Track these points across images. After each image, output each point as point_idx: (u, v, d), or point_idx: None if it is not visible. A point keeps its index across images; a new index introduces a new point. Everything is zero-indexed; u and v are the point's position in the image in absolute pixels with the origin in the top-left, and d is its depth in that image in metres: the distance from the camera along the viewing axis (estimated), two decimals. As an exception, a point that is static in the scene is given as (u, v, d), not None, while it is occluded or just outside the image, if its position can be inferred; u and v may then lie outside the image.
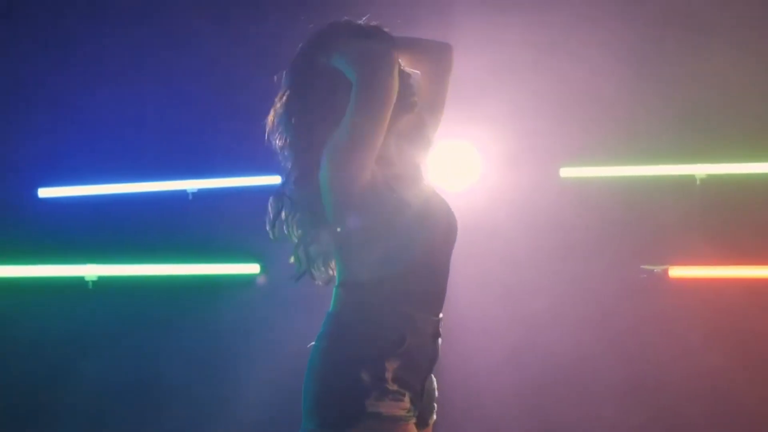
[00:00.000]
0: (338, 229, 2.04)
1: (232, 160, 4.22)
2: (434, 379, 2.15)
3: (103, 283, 4.30)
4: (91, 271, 4.28)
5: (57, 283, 4.30)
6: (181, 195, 4.35)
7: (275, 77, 2.13)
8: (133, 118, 4.32)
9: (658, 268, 3.96)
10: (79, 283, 4.28)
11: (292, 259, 2.14)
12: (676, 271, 3.97)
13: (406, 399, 1.99)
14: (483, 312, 4.08)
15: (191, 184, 4.35)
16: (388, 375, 1.96)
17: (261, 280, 4.26)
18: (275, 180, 2.17)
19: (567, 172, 4.08)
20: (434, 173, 4.06)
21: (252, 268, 4.26)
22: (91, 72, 4.27)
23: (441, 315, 2.13)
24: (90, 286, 4.27)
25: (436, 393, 2.15)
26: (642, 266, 3.98)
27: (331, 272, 2.14)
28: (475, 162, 4.11)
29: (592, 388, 3.97)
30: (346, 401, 1.94)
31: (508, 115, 4.04)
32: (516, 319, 4.07)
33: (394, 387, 1.97)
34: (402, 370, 1.99)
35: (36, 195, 4.39)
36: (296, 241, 2.11)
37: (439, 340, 2.11)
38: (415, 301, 2.04)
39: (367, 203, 2.01)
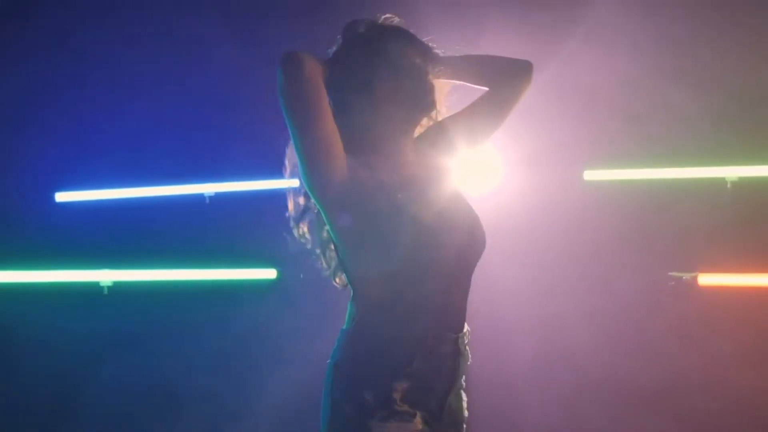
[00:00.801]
0: (332, 234, 2.00)
1: (250, 164, 4.16)
2: (464, 396, 2.08)
3: (118, 288, 4.24)
4: (106, 276, 4.23)
5: (72, 287, 4.26)
6: (199, 199, 4.31)
7: None
8: (151, 123, 4.28)
9: (687, 276, 3.82)
10: (94, 288, 4.24)
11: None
12: (706, 279, 3.83)
13: (417, 419, 1.94)
14: (504, 316, 3.97)
15: (208, 188, 4.30)
16: (396, 396, 1.92)
17: (277, 285, 4.19)
18: (293, 184, 2.09)
19: (591, 175, 3.97)
20: (456, 175, 4.02)
21: (269, 273, 4.19)
22: (109, 77, 4.24)
23: (464, 330, 2.04)
24: (105, 291, 4.22)
25: (465, 412, 2.08)
26: (670, 273, 3.85)
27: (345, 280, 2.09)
28: (496, 164, 4.00)
29: (617, 396, 3.86)
30: (351, 421, 1.92)
31: (530, 116, 3.90)
32: (538, 325, 3.96)
33: (403, 407, 1.92)
34: (413, 391, 1.94)
35: (53, 199, 4.36)
36: (310, 245, 2.10)
37: (464, 356, 2.03)
38: (425, 320, 1.97)
39: (359, 210, 1.94)
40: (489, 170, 4.00)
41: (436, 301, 1.98)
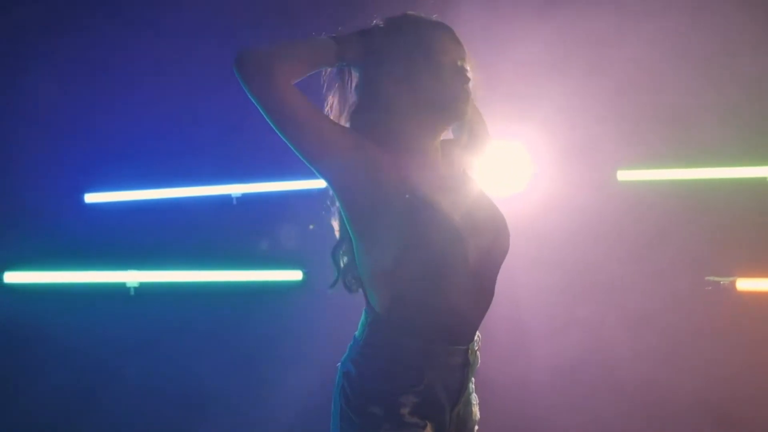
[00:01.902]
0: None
1: (277, 165, 4.10)
2: (474, 400, 2.04)
3: (145, 288, 4.22)
4: (133, 277, 4.21)
5: (99, 288, 4.24)
6: (226, 200, 4.27)
7: (322, 80, 2.02)
8: (179, 124, 4.25)
9: (724, 280, 3.67)
10: (121, 288, 4.22)
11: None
12: (745, 284, 3.69)
13: (428, 430, 1.91)
14: (535, 320, 3.87)
15: (236, 189, 4.25)
16: (405, 410, 1.88)
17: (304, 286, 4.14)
18: (321, 184, 2.04)
19: (625, 175, 3.85)
20: (482, 176, 3.92)
21: (295, 275, 4.13)
22: (138, 78, 4.22)
23: (476, 337, 1.99)
24: (132, 292, 4.20)
25: (477, 414, 2.05)
26: (707, 277, 3.71)
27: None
28: (527, 164, 3.89)
29: (652, 404, 3.74)
30: (360, 430, 1.89)
31: (562, 114, 3.82)
32: (570, 330, 3.83)
33: (412, 419, 1.89)
34: (421, 405, 1.90)
35: (83, 200, 4.36)
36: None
37: (474, 363, 1.98)
38: (438, 335, 1.91)
39: (376, 203, 1.86)
40: (519, 170, 3.90)
41: (450, 314, 1.91)
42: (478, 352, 2.00)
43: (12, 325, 4.23)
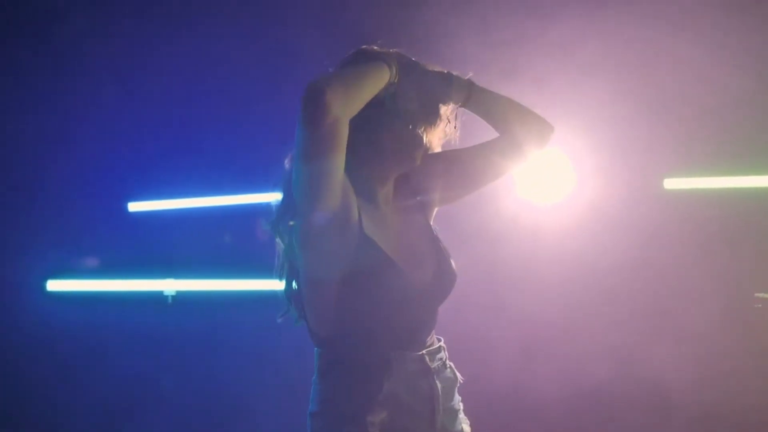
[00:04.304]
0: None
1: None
2: (460, 417, 2.00)
3: (182, 297, 4.21)
4: (170, 285, 4.20)
5: (138, 296, 4.26)
6: (267, 209, 4.21)
7: None
8: (222, 133, 4.23)
9: (776, 297, 3.43)
10: (159, 296, 4.24)
11: None
12: (799, 301, 3.43)
13: None
14: (579, 332, 3.70)
15: (278, 197, 4.19)
16: (373, 429, 1.86)
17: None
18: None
19: (672, 183, 3.65)
20: (523, 185, 3.78)
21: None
22: (182, 88, 4.22)
23: (432, 345, 1.96)
24: (169, 300, 4.19)
25: (461, 422, 2.01)
26: (757, 294, 3.48)
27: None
28: (569, 172, 3.72)
29: (698, 422, 3.52)
30: None
31: (605, 120, 3.63)
32: (614, 344, 3.64)
33: None
34: (394, 419, 1.88)
35: (126, 209, 4.37)
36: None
37: (439, 370, 1.96)
38: (381, 342, 1.88)
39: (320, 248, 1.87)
40: (561, 178, 3.73)
41: (390, 324, 1.88)
42: (445, 360, 1.98)
43: (54, 331, 4.28)
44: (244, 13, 4.13)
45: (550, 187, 3.74)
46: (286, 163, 2.03)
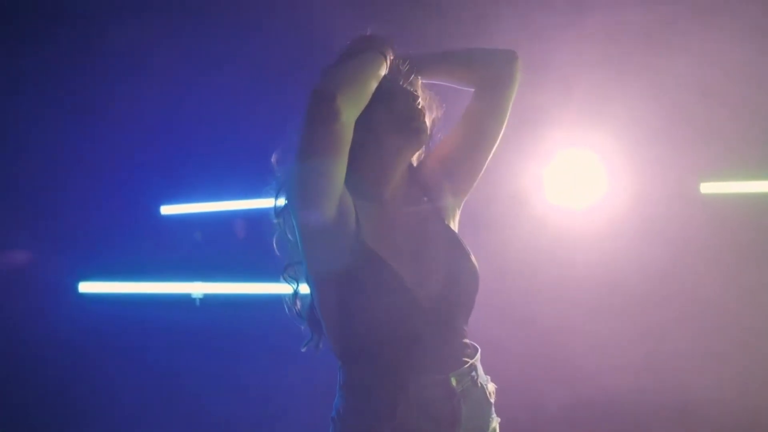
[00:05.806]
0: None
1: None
2: (486, 427, 1.90)
3: (209, 299, 4.20)
4: (198, 288, 4.19)
5: (168, 298, 4.27)
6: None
7: None
8: (254, 137, 4.21)
9: (819, 306, 3.25)
10: (187, 298, 4.24)
11: None
12: (843, 310, 3.24)
13: None
14: (611, 339, 3.56)
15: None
16: None
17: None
18: None
19: (709, 187, 3.51)
20: (553, 189, 3.67)
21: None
22: (217, 92, 4.21)
23: (463, 367, 1.84)
24: (197, 303, 4.18)
25: None
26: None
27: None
28: (600, 175, 3.60)
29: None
30: None
31: (638, 121, 3.51)
32: (647, 351, 3.52)
33: None
34: None
35: (159, 212, 4.38)
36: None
37: (468, 392, 1.85)
38: (402, 366, 1.81)
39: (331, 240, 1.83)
40: (592, 182, 3.62)
41: (410, 346, 1.80)
42: (477, 378, 1.86)
43: (85, 332, 4.31)
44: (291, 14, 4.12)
45: (580, 191, 3.63)
46: (273, 160, 2.10)
